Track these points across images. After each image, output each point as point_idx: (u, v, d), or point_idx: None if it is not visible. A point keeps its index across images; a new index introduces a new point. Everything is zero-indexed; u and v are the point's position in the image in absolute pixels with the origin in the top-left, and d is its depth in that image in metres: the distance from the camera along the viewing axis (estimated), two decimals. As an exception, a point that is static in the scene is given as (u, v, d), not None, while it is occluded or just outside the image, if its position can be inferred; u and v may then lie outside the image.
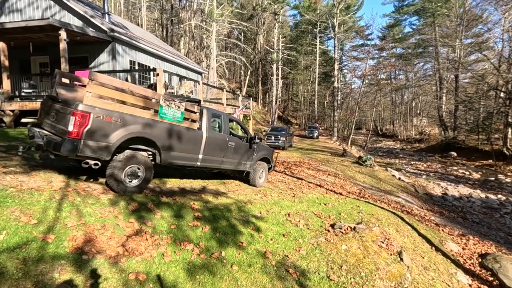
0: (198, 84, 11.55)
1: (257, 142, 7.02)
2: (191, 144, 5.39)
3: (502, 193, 14.28)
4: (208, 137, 5.70)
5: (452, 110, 35.33)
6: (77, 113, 3.76)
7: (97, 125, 3.92)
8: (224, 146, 6.12)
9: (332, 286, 3.55)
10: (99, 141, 3.99)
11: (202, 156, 5.68)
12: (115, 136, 4.13)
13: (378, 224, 5.74)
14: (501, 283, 5.16)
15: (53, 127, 4.28)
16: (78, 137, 3.79)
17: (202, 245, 3.75)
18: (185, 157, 5.34)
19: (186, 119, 5.26)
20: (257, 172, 7.24)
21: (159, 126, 4.75)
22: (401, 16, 47.99)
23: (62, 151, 3.75)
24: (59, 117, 4.16)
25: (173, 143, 5.01)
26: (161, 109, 4.81)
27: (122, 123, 4.20)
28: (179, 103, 5.11)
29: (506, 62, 25.81)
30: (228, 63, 43.98)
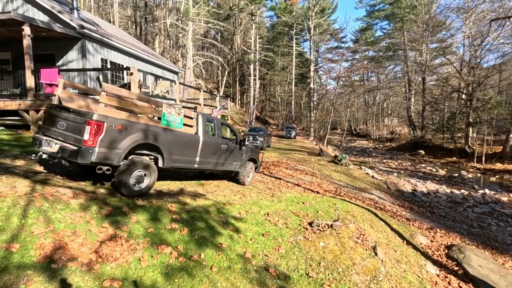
0: (174, 84, 11.30)
1: (246, 144, 7.55)
2: (189, 148, 5.76)
3: (464, 188, 15.31)
4: (204, 141, 6.07)
5: (420, 111, 37.36)
6: (92, 122, 4.03)
7: (110, 134, 4.21)
8: (217, 148, 6.54)
9: (311, 283, 3.61)
10: (111, 148, 4.28)
11: (199, 159, 6.06)
12: (125, 143, 4.43)
13: (354, 220, 5.94)
14: (465, 271, 5.53)
15: (63, 136, 4.44)
16: (93, 145, 4.06)
17: (181, 248, 3.67)
18: (184, 160, 5.70)
19: (185, 124, 5.63)
20: (246, 171, 7.65)
21: (162, 132, 5.07)
22: (373, 21, 50.05)
23: (79, 159, 4.02)
24: (71, 126, 4.34)
25: (174, 147, 5.35)
26: (163, 116, 5.16)
27: (131, 131, 4.52)
28: (179, 110, 5.50)
29: (467, 66, 27.72)
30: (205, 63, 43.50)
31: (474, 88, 26.45)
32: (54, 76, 9.14)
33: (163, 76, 15.27)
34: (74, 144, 4.23)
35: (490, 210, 11.71)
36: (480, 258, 5.97)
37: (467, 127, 27.17)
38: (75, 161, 4.11)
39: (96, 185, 5.07)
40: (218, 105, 15.08)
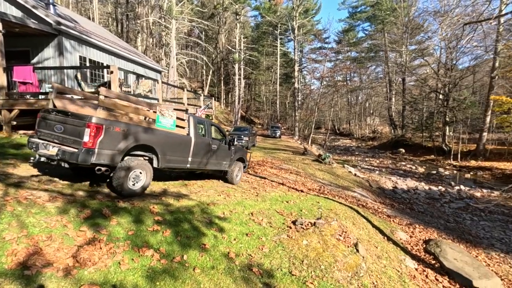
0: (157, 83, 11.08)
1: (236, 144, 7.90)
2: (182, 148, 5.98)
3: (442, 185, 15.95)
4: (196, 141, 6.31)
5: (400, 110, 38.55)
6: (92, 125, 4.20)
7: (108, 135, 4.39)
8: (208, 148, 6.82)
9: (294, 281, 3.65)
10: (110, 150, 4.46)
11: (191, 159, 6.28)
12: (123, 144, 4.63)
13: (337, 218, 6.05)
14: (441, 265, 5.77)
15: (61, 138, 4.56)
16: (93, 146, 4.23)
17: (163, 250, 3.61)
18: (177, 160, 5.92)
19: (177, 126, 5.85)
20: (234, 170, 7.89)
21: (157, 134, 5.32)
22: (355, 22, 51.12)
23: (80, 160, 4.16)
24: (70, 129, 4.46)
25: (168, 148, 5.57)
26: (158, 118, 5.41)
27: (128, 133, 4.71)
28: (172, 112, 5.75)
29: (443, 67, 28.86)
30: (189, 62, 42.97)
31: (450, 88, 27.58)
32: (28, 74, 8.76)
33: (146, 75, 14.95)
34: (73, 147, 4.36)
35: (465, 205, 12.26)
36: (455, 252, 6.24)
37: (444, 126, 28.31)
38: (76, 162, 4.22)
39: (74, 188, 4.91)
40: (202, 104, 14.93)
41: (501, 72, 23.80)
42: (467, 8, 8.46)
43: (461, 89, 29.79)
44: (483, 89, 33.30)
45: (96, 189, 5.16)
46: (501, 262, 6.87)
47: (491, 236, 8.84)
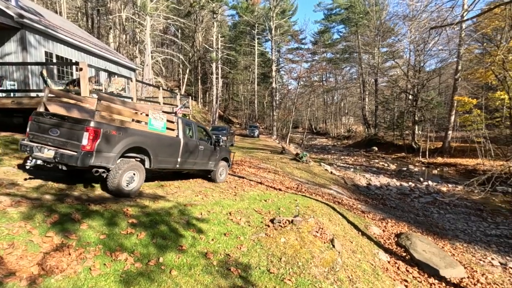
0: (131, 81, 10.70)
1: (221, 144, 8.23)
2: (172, 150, 6.25)
3: (412, 181, 16.78)
4: (184, 142, 6.60)
5: (373, 110, 40.07)
6: (90, 129, 4.39)
7: (106, 139, 4.61)
8: (196, 149, 7.11)
9: (272, 278, 3.68)
10: (107, 152, 4.67)
11: (180, 159, 6.55)
12: (119, 147, 4.85)
13: (313, 215, 6.17)
14: (411, 256, 6.07)
15: (57, 142, 4.66)
16: (91, 149, 4.42)
17: (138, 253, 3.50)
18: (168, 160, 6.18)
19: (167, 128, 6.13)
20: (219, 170, 8.22)
21: (149, 136, 5.55)
22: (330, 24, 52.40)
23: (79, 163, 4.33)
24: (67, 133, 4.60)
25: (160, 149, 5.83)
26: (150, 121, 5.65)
27: (123, 135, 4.94)
28: (162, 115, 6.05)
29: (412, 69, 30.37)
30: (165, 60, 41.90)
31: (419, 89, 29.09)
32: None
33: (119, 72, 14.38)
34: (72, 150, 4.49)
35: (433, 199, 12.98)
36: (424, 244, 6.59)
37: (413, 125, 29.80)
38: (75, 165, 4.39)
39: (40, 191, 4.62)
40: (179, 103, 14.62)
41: (463, 74, 25.45)
42: (433, 13, 8.95)
43: (429, 90, 31.52)
44: (448, 90, 35.42)
45: (65, 192, 4.90)
46: (464, 251, 7.35)
47: (455, 227, 9.43)
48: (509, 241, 8.28)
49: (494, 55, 18.45)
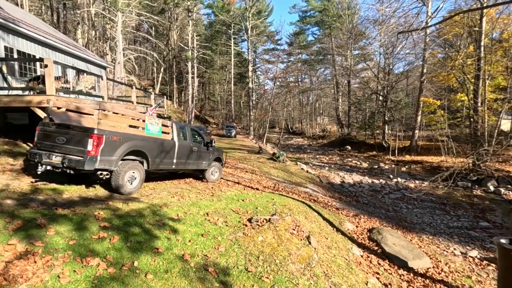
0: (102, 79, 10.24)
1: (214, 145, 8.67)
2: (168, 151, 6.77)
3: (382, 178, 17.57)
4: (179, 144, 7.11)
5: (346, 110, 41.43)
6: (94, 136, 4.94)
7: (108, 144, 5.15)
8: (190, 150, 7.61)
9: (250, 277, 3.70)
10: (109, 156, 5.22)
11: (176, 160, 7.05)
12: (120, 151, 5.40)
13: (290, 213, 6.28)
14: (382, 250, 6.36)
15: (63, 149, 5.17)
16: (96, 154, 4.97)
17: (110, 257, 3.37)
18: (165, 162, 6.71)
19: (163, 132, 6.71)
20: (211, 169, 8.72)
21: (147, 140, 6.14)
22: (305, 26, 53.48)
23: (85, 167, 4.85)
24: (73, 140, 5.13)
25: (156, 152, 6.38)
26: (146, 126, 6.23)
27: (124, 140, 5.49)
28: (158, 120, 6.65)
29: (382, 71, 31.79)
30: (138, 59, 40.53)
31: (388, 91, 30.53)
32: None
33: (88, 70, 13.70)
34: (78, 155, 5.00)
35: (402, 195, 13.69)
36: (394, 237, 6.94)
37: (383, 124, 31.23)
38: (82, 168, 4.89)
39: (1, 196, 4.31)
40: (153, 103, 14.22)
41: (428, 77, 27.07)
42: (400, 19, 9.47)
43: (397, 92, 33.18)
44: (414, 92, 37.48)
45: (28, 196, 4.60)
46: (430, 243, 7.83)
47: (422, 221, 10.02)
48: (469, 232, 8.93)
49: (454, 60, 19.81)
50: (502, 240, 2.37)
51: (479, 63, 18.32)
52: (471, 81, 19.99)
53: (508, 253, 2.25)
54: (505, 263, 2.31)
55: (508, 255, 2.25)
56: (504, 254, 2.30)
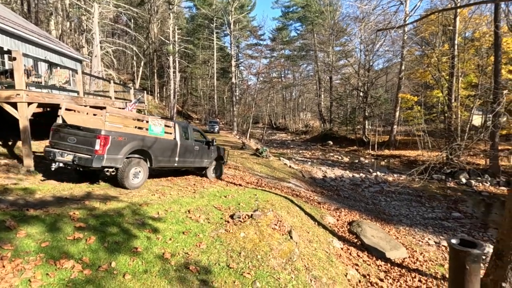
0: (77, 73, 9.79)
1: (214, 145, 8.99)
2: (170, 150, 7.22)
3: (362, 172, 18.06)
4: (181, 144, 7.52)
5: (328, 106, 42.06)
6: (101, 136, 5.43)
7: (114, 144, 5.65)
8: (191, 149, 8.01)
9: (232, 273, 3.71)
10: (115, 155, 5.70)
11: (178, 159, 7.47)
12: (125, 150, 5.90)
13: (272, 209, 6.33)
14: (362, 242, 6.56)
15: (74, 148, 5.71)
16: (103, 153, 5.45)
17: (87, 259, 3.26)
18: (167, 160, 7.17)
19: (166, 132, 7.12)
20: (212, 167, 9.14)
21: (150, 140, 6.60)
22: (288, 21, 53.53)
23: (93, 165, 5.40)
24: (82, 140, 5.65)
25: (159, 151, 6.83)
26: (150, 127, 6.68)
27: (128, 140, 5.97)
28: (160, 121, 7.11)
29: (363, 68, 32.47)
30: (117, 52, 39.14)
31: (368, 87, 31.28)
32: None
33: (62, 64, 13.07)
34: (87, 154, 5.51)
35: (380, 189, 14.15)
36: (373, 229, 7.17)
37: (364, 120, 32.02)
38: (90, 166, 5.46)
39: (-35, 197, 4.06)
40: (133, 98, 13.81)
41: (406, 74, 27.95)
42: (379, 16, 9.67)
43: (377, 88, 34.08)
44: (393, 88, 38.62)
45: (-3, 197, 4.36)
46: (406, 234, 8.15)
47: (399, 213, 10.41)
48: (442, 223, 9.38)
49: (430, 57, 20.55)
50: (453, 240, 2.47)
51: (453, 61, 19.10)
52: (446, 78, 20.83)
53: (457, 253, 2.36)
54: (455, 264, 2.42)
55: (457, 255, 2.36)
56: (453, 254, 2.41)
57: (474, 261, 2.33)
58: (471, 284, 2.33)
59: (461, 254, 2.36)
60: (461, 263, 2.35)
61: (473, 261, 2.32)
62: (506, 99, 13.02)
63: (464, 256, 2.34)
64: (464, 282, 2.35)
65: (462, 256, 2.35)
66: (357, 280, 4.83)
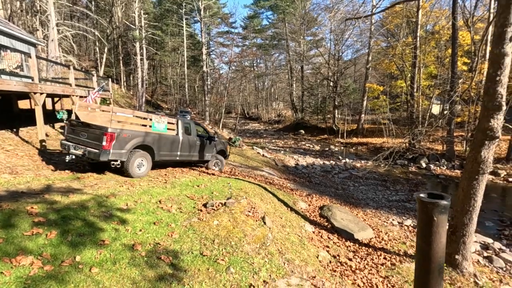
0: (30, 58, 8.92)
1: (216, 140, 9.63)
2: (172, 145, 7.86)
3: (333, 159, 18.72)
4: (183, 139, 8.17)
5: (300, 96, 42.70)
6: (108, 134, 6.10)
7: (119, 140, 6.32)
8: (193, 144, 8.65)
9: (205, 261, 3.68)
10: (120, 150, 6.37)
11: (180, 153, 8.14)
12: (129, 145, 6.57)
13: (246, 196, 6.35)
14: (332, 225, 6.83)
15: (85, 143, 6.40)
16: (109, 148, 6.13)
17: (47, 254, 3.05)
18: (169, 154, 7.82)
19: (168, 129, 7.74)
20: (214, 161, 9.65)
21: (153, 136, 7.23)
22: (259, 9, 52.86)
23: (100, 158, 6.10)
24: (92, 136, 6.35)
25: (162, 146, 7.49)
26: (153, 124, 7.32)
27: (132, 137, 6.67)
28: (164, 118, 7.67)
29: (333, 58, 33.18)
30: (77, 37, 36.38)
31: (338, 77, 32.11)
32: None
33: (12, 46, 11.85)
34: (95, 148, 6.21)
35: (349, 174, 14.78)
36: (342, 213, 7.48)
37: (334, 109, 32.97)
38: (98, 159, 6.14)
39: None
40: (95, 86, 12.96)
41: (373, 64, 29.04)
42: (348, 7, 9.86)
43: (346, 78, 35.07)
44: (361, 78, 40.00)
45: None
46: (373, 216, 8.63)
47: (367, 197, 10.97)
48: (405, 204, 10.04)
49: (395, 48, 21.48)
50: (421, 194, 2.63)
51: (415, 52, 20.14)
52: (409, 69, 21.97)
53: (425, 205, 2.50)
54: (422, 216, 2.57)
55: (425, 207, 2.51)
56: (422, 207, 2.56)
57: (442, 212, 2.46)
58: (438, 235, 2.48)
59: (429, 206, 2.49)
60: (429, 215, 2.48)
61: (441, 212, 2.46)
62: (461, 88, 14.05)
63: (432, 208, 2.47)
64: (431, 233, 2.49)
65: (430, 208, 2.48)
66: (328, 261, 5.03)
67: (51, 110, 12.74)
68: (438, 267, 2.53)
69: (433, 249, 2.52)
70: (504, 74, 4.34)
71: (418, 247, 2.72)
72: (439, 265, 2.53)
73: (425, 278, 2.60)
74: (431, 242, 2.51)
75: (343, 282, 4.34)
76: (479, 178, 4.75)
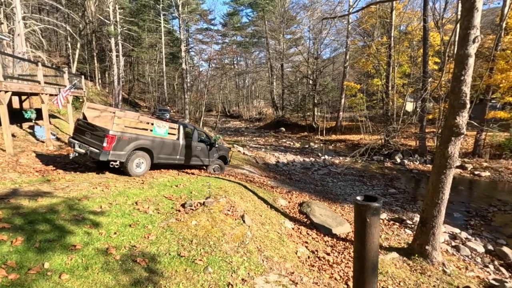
0: (-7, 53, 8.33)
1: (217, 145, 10.02)
2: (173, 149, 8.16)
3: (312, 156, 19.04)
4: (183, 144, 8.45)
5: (281, 94, 42.99)
6: (109, 136, 6.47)
7: (119, 142, 6.67)
8: (194, 149, 8.97)
9: (183, 262, 3.63)
10: (120, 151, 6.71)
11: (179, 157, 8.44)
12: (129, 147, 6.88)
13: (225, 195, 6.32)
14: (311, 221, 6.96)
15: (89, 142, 6.83)
16: (109, 149, 6.51)
17: (12, 262, 2.89)
18: (169, 157, 8.15)
19: (169, 133, 7.98)
20: (213, 166, 10.06)
21: (153, 140, 7.51)
22: (239, 7, 52.55)
23: (100, 158, 6.47)
24: (95, 137, 6.75)
25: (162, 149, 7.79)
26: (154, 129, 7.55)
27: (132, 139, 6.96)
28: (165, 123, 7.89)
29: (312, 57, 33.66)
30: (47, 31, 34.48)
31: (317, 75, 32.65)
32: None
33: (-27, 41, 11.03)
34: (97, 148, 6.53)
35: (328, 171, 15.11)
36: (321, 209, 7.64)
37: (313, 107, 33.51)
38: (98, 158, 6.45)
39: None
40: (67, 83, 12.35)
41: (350, 63, 29.75)
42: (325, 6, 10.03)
43: (325, 76, 35.73)
44: (339, 77, 40.90)
45: None
46: (350, 211, 8.87)
47: (345, 192, 11.27)
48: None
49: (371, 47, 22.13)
50: (357, 197, 2.74)
51: (390, 51, 20.86)
52: (384, 68, 22.73)
53: (359, 208, 2.62)
54: (357, 218, 2.70)
55: (359, 210, 2.63)
56: (356, 210, 2.68)
57: (373, 214, 2.59)
58: (371, 236, 2.61)
59: (362, 208, 2.61)
60: (362, 217, 2.61)
61: (373, 214, 2.59)
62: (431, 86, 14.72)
63: (365, 210, 2.59)
64: (365, 234, 2.61)
65: (363, 210, 2.60)
66: (306, 256, 5.12)
67: (18, 109, 12.03)
68: (372, 266, 2.68)
69: (366, 248, 2.65)
70: (468, 74, 4.59)
71: (354, 247, 2.84)
72: (372, 264, 2.67)
73: (360, 276, 2.74)
74: (365, 242, 2.64)
75: (320, 276, 4.44)
76: (446, 172, 5.01)
